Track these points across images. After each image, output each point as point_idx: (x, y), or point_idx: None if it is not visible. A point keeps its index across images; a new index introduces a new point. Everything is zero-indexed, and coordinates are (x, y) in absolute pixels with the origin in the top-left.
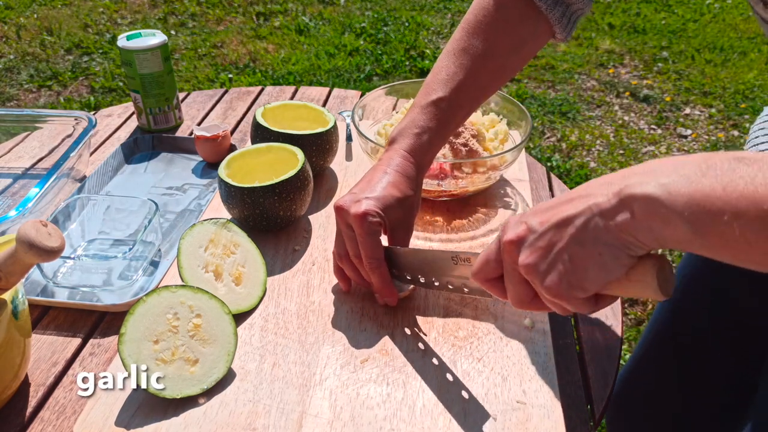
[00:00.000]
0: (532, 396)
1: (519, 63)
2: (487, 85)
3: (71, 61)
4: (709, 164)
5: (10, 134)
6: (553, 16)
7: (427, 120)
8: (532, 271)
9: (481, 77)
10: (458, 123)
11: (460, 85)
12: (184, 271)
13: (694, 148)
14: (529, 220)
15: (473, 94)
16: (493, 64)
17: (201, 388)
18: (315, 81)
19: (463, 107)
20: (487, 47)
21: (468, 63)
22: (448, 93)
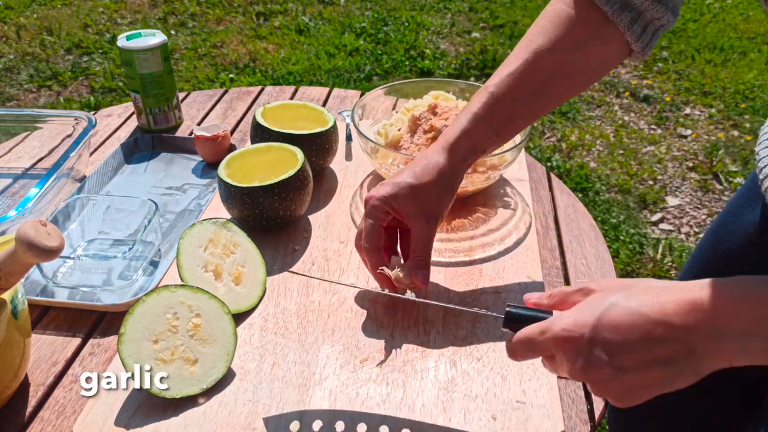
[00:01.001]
0: (532, 396)
1: (585, 64)
2: (546, 79)
3: (71, 61)
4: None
5: (10, 134)
6: (621, 22)
7: (476, 106)
8: (593, 386)
9: (538, 70)
10: (514, 115)
11: (515, 74)
12: (183, 271)
13: (694, 148)
14: (614, 359)
15: (530, 87)
16: (552, 59)
17: (201, 387)
18: (315, 81)
19: (517, 100)
20: (546, 41)
21: (526, 56)
22: (501, 80)
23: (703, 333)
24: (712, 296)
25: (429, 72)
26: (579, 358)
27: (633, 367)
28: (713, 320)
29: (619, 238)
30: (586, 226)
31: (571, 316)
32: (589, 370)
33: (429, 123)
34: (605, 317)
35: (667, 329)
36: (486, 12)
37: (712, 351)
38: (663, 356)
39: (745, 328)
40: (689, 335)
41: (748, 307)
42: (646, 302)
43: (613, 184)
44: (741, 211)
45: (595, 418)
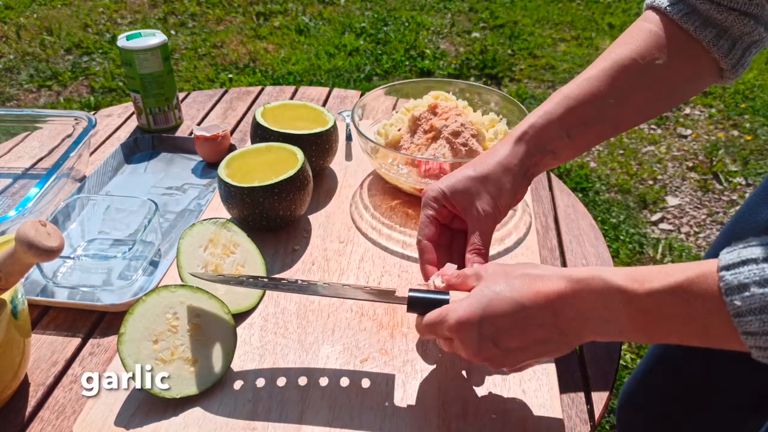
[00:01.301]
0: (532, 395)
1: (669, 76)
2: (625, 88)
3: (71, 61)
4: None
5: (10, 134)
6: (704, 38)
7: (547, 105)
8: (488, 364)
9: (618, 78)
10: (589, 120)
11: (592, 78)
12: (183, 271)
13: (694, 148)
14: (500, 343)
15: (608, 93)
16: (634, 68)
17: (200, 387)
18: (315, 81)
19: (593, 104)
20: (627, 51)
21: (605, 64)
22: (577, 84)
23: (570, 319)
24: (578, 289)
25: (429, 72)
26: (472, 344)
27: (517, 348)
28: (577, 310)
29: (619, 237)
30: (586, 226)
31: (463, 307)
32: (482, 353)
33: (429, 123)
34: (489, 307)
35: (539, 316)
36: (486, 12)
37: (578, 332)
38: (540, 338)
39: (603, 317)
40: (559, 321)
41: (604, 300)
42: (522, 292)
43: (613, 183)
44: (756, 209)
45: (595, 418)
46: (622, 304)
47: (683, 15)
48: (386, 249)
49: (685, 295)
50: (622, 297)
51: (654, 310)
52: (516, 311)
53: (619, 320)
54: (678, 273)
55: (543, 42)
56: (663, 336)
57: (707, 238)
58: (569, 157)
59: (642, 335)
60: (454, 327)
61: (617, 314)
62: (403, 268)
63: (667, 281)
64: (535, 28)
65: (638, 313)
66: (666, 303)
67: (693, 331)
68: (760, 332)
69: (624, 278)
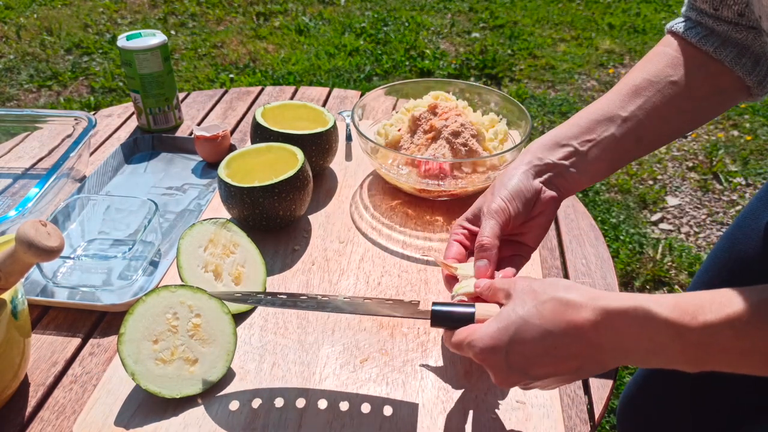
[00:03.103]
0: (532, 396)
1: (686, 89)
2: (640, 104)
3: (71, 61)
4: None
5: (10, 134)
6: (725, 58)
7: (566, 123)
8: (519, 387)
9: (631, 94)
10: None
11: (603, 99)
12: (183, 271)
13: (693, 148)
14: (529, 371)
15: (619, 106)
16: (646, 84)
17: (200, 387)
18: (315, 81)
19: (606, 118)
20: (646, 73)
21: (619, 87)
22: (593, 104)
23: (608, 350)
24: (617, 321)
25: (429, 72)
26: (501, 372)
27: (546, 374)
28: (617, 342)
29: (619, 237)
30: (586, 226)
31: (489, 334)
32: (510, 379)
33: (429, 123)
34: (518, 336)
35: (573, 348)
36: (486, 12)
37: (618, 360)
38: (572, 368)
39: (647, 348)
40: (595, 352)
41: (649, 333)
42: (552, 321)
43: (613, 184)
44: (758, 214)
45: (595, 418)
46: (670, 339)
47: (701, 37)
48: (386, 249)
49: (747, 327)
50: (672, 332)
51: (710, 343)
52: (545, 340)
53: (668, 353)
54: (735, 302)
55: (543, 42)
56: (719, 366)
57: (707, 238)
58: (593, 172)
59: (695, 366)
60: (480, 354)
61: (666, 348)
62: (403, 268)
63: (724, 312)
64: (535, 28)
65: (691, 347)
66: (724, 336)
67: (755, 363)
68: None
69: (672, 310)
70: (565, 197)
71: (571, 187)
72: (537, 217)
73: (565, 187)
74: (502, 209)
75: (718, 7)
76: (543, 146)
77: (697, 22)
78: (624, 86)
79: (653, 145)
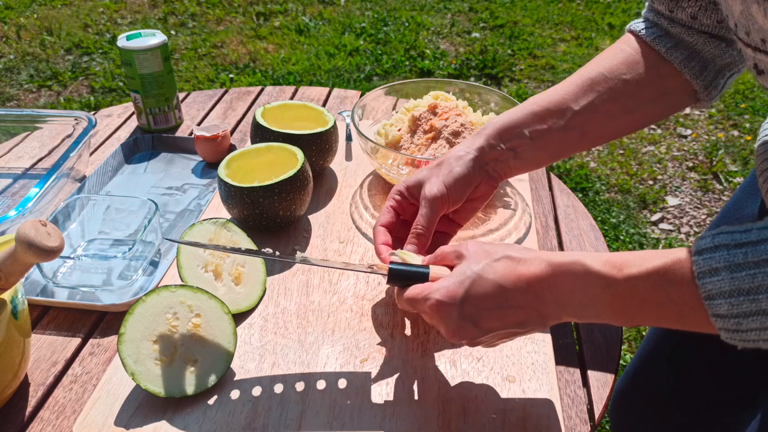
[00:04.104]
0: (532, 395)
1: (638, 90)
2: (591, 98)
3: (71, 61)
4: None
5: (10, 134)
6: (675, 60)
7: (518, 108)
8: (466, 342)
9: (584, 88)
10: (553, 124)
11: (558, 89)
12: (183, 271)
13: (694, 148)
14: (479, 323)
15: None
16: (602, 80)
17: (200, 387)
18: (315, 81)
19: (558, 109)
20: (598, 68)
21: (575, 78)
22: (547, 92)
23: (549, 302)
24: (559, 273)
25: (429, 72)
26: (452, 324)
27: (495, 327)
28: (557, 294)
29: (619, 238)
30: (586, 226)
31: (445, 286)
32: (461, 332)
33: (429, 123)
34: (471, 289)
35: (520, 299)
36: (486, 12)
37: (556, 314)
38: (519, 319)
39: (582, 301)
40: (539, 304)
41: (584, 286)
42: (504, 275)
43: (613, 184)
44: (742, 204)
45: (595, 418)
46: (601, 289)
47: (655, 37)
48: None
49: (662, 280)
50: (602, 282)
51: (632, 295)
52: (498, 294)
53: (598, 305)
54: (656, 259)
55: (543, 42)
56: (639, 319)
57: None
58: (536, 160)
59: (619, 318)
60: (435, 306)
61: (596, 299)
62: None
63: (645, 267)
64: (535, 28)
65: (617, 298)
66: (644, 288)
67: (669, 315)
68: (728, 315)
69: (603, 264)
70: (501, 181)
71: (509, 173)
72: (473, 201)
73: (505, 172)
74: (442, 196)
75: (673, 9)
76: (496, 131)
77: (654, 23)
78: (580, 78)
79: (596, 140)
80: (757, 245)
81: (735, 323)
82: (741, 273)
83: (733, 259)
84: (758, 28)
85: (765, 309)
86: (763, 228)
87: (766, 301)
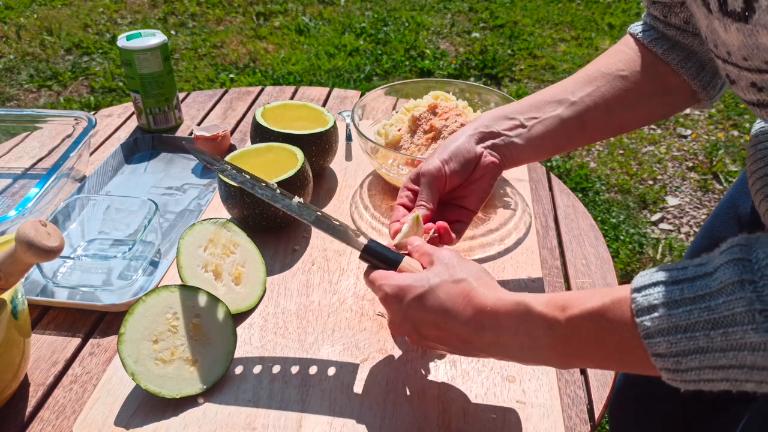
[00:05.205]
0: (532, 396)
1: (635, 84)
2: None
3: (71, 61)
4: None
5: (10, 134)
6: (672, 61)
7: (520, 100)
8: (407, 337)
9: (583, 82)
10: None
11: (558, 84)
12: (183, 271)
13: (693, 148)
14: (418, 328)
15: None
16: (598, 74)
17: (200, 387)
18: (315, 81)
19: (556, 100)
20: (597, 65)
21: (575, 75)
22: (549, 87)
23: (488, 340)
24: (501, 315)
25: (429, 72)
26: (395, 318)
27: (432, 338)
28: (497, 335)
29: (619, 237)
30: (586, 226)
31: (398, 282)
32: (401, 329)
33: (429, 123)
34: (421, 298)
35: (459, 328)
36: (486, 12)
37: (493, 353)
38: (454, 343)
39: (522, 344)
40: (477, 339)
41: (526, 327)
42: (453, 298)
43: (613, 184)
44: (734, 203)
45: (595, 418)
46: (543, 332)
47: (653, 40)
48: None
49: (603, 319)
50: (544, 324)
51: (574, 337)
52: (441, 315)
53: (539, 348)
54: (596, 299)
55: (543, 42)
56: (581, 361)
57: None
58: (535, 147)
59: (560, 360)
60: (384, 297)
61: (537, 342)
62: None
63: (584, 307)
64: (535, 28)
65: (558, 340)
66: (586, 329)
67: (610, 356)
68: (667, 353)
69: (546, 305)
70: (508, 167)
71: (514, 158)
72: (478, 181)
73: (508, 156)
74: (437, 169)
75: (667, 14)
76: (491, 117)
77: (651, 26)
78: (578, 75)
79: (596, 134)
80: (693, 281)
81: (674, 362)
82: (678, 310)
83: (670, 296)
84: (722, 41)
85: (702, 347)
86: (699, 264)
87: (702, 339)
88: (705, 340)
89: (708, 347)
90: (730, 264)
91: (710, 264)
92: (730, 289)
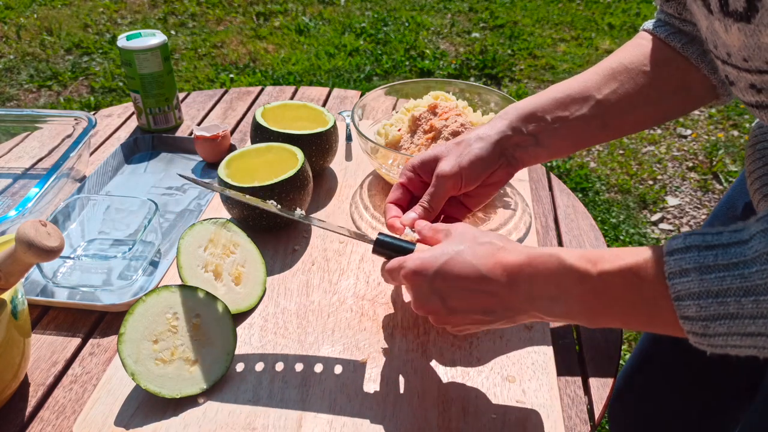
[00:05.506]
0: (532, 396)
1: (656, 80)
2: (613, 87)
3: (71, 61)
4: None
5: (10, 134)
6: (691, 55)
7: (540, 94)
8: (431, 318)
9: (606, 77)
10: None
11: (579, 79)
12: (183, 271)
13: (693, 148)
14: (446, 300)
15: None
16: (621, 69)
17: (200, 387)
18: (315, 81)
19: (580, 96)
20: (615, 59)
21: (596, 68)
22: (569, 81)
23: (521, 293)
24: (535, 264)
25: (429, 72)
26: (421, 294)
27: (461, 308)
28: (530, 285)
29: (619, 238)
30: (586, 226)
31: (422, 257)
32: (427, 305)
33: (429, 123)
34: (446, 265)
35: (492, 285)
36: (486, 12)
37: (524, 308)
38: (486, 306)
39: (552, 295)
40: (509, 294)
41: (557, 279)
42: (482, 258)
43: (613, 184)
44: (733, 202)
45: (595, 418)
46: (573, 283)
47: (669, 34)
48: None
49: (634, 277)
50: (576, 276)
51: (604, 291)
52: (472, 276)
53: (568, 300)
54: (630, 256)
55: (543, 42)
56: (609, 318)
57: None
58: (556, 148)
59: (588, 315)
60: (409, 273)
61: (567, 293)
62: None
63: (618, 263)
64: (535, 28)
65: (588, 293)
66: (616, 284)
67: (638, 314)
68: (696, 317)
69: (578, 258)
70: (520, 169)
71: (528, 160)
72: (487, 187)
73: (524, 159)
74: (454, 175)
75: (681, 12)
76: (519, 115)
77: (666, 22)
78: (601, 68)
79: (616, 132)
80: (727, 248)
81: (702, 326)
82: (710, 275)
83: (703, 261)
84: (722, 42)
85: (732, 312)
86: (734, 231)
87: (733, 305)
88: (736, 306)
89: (738, 314)
90: (766, 233)
91: (746, 231)
92: (765, 258)
